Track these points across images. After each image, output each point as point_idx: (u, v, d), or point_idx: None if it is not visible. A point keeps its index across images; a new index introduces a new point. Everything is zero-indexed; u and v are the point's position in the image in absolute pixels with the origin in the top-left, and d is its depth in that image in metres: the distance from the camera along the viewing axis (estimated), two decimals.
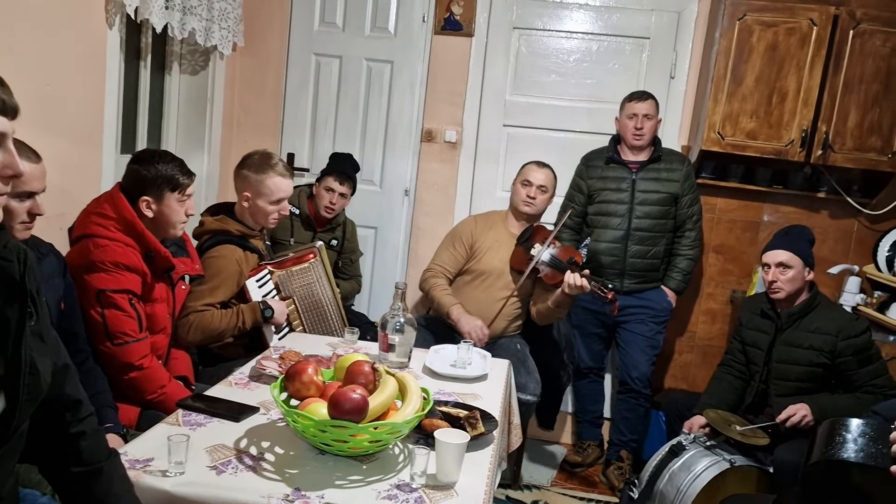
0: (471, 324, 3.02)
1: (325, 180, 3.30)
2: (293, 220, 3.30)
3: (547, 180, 3.15)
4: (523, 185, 3.16)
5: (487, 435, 1.86)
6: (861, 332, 2.66)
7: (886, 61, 3.16)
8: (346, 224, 3.46)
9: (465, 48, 3.77)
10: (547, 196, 3.17)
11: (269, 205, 2.60)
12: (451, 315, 3.07)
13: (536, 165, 3.18)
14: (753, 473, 2.54)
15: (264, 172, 2.58)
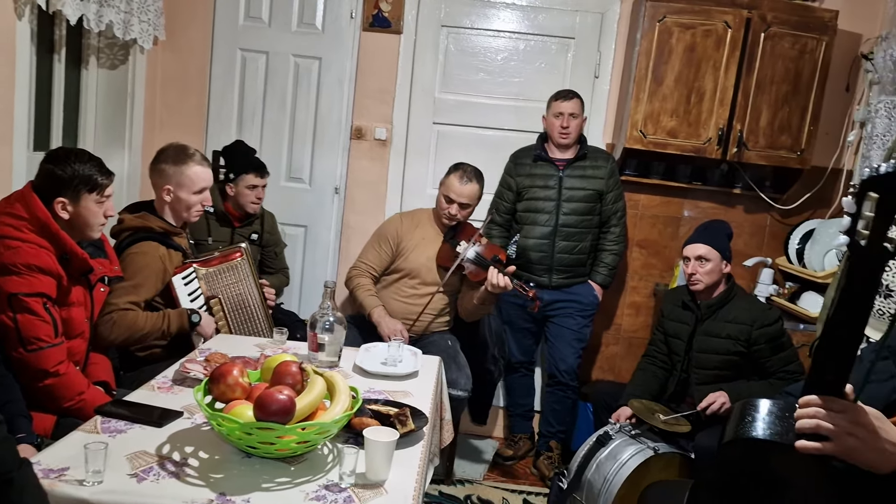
0: (391, 327, 3.04)
1: (244, 179, 3.22)
2: (209, 218, 3.24)
3: (470, 197, 3.14)
4: (446, 201, 3.16)
5: (417, 432, 1.87)
6: (774, 321, 2.79)
7: (795, 63, 3.32)
8: (264, 217, 3.40)
9: (394, 45, 3.76)
10: (469, 211, 3.18)
11: (192, 195, 2.54)
12: (372, 317, 3.08)
13: (459, 180, 3.12)
14: (676, 460, 2.63)
15: (183, 163, 2.52)
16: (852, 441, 1.14)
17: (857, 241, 1.08)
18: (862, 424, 1.15)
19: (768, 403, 1.31)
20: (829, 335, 1.16)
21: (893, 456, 1.14)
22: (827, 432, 1.15)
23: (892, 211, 1.05)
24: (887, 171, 1.04)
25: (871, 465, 1.14)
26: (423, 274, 3.17)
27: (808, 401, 1.18)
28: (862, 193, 1.07)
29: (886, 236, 1.07)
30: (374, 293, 3.18)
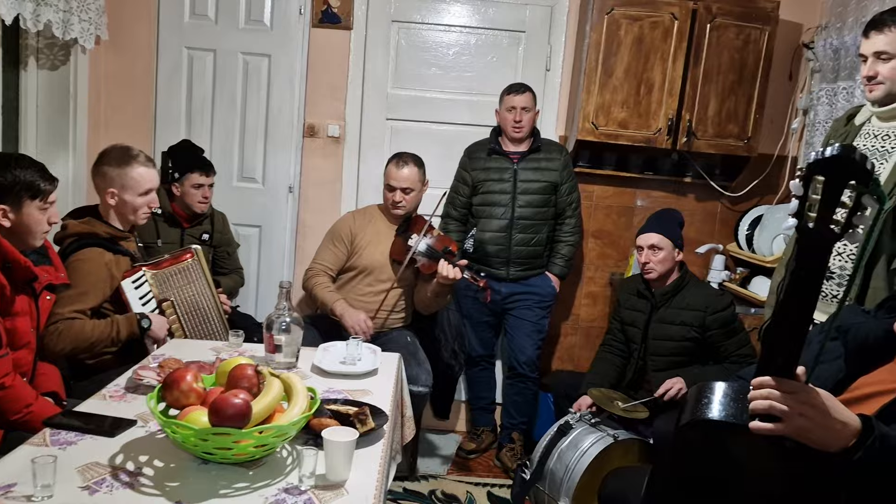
0: (354, 318, 3.03)
1: (189, 178, 3.17)
2: (156, 220, 3.17)
3: (409, 180, 3.14)
4: (388, 190, 3.17)
5: (378, 430, 1.86)
6: (726, 306, 2.86)
7: (740, 53, 3.39)
8: (214, 216, 3.35)
9: (345, 41, 3.73)
10: (413, 194, 3.18)
11: (138, 197, 2.48)
12: (335, 311, 3.06)
13: (395, 166, 3.15)
14: (636, 446, 2.67)
15: (127, 164, 2.46)
16: (803, 421, 1.17)
17: (806, 224, 1.10)
18: (812, 404, 1.17)
19: (723, 386, 1.33)
20: (780, 317, 1.18)
21: (842, 434, 1.17)
22: (779, 413, 1.18)
23: (838, 193, 1.08)
24: (832, 154, 1.06)
25: (821, 443, 1.18)
26: (378, 270, 3.16)
27: (761, 382, 1.21)
28: (809, 176, 1.09)
29: (833, 218, 1.09)
30: (334, 289, 3.17)
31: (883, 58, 2.11)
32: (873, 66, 2.13)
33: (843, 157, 1.05)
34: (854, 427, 1.17)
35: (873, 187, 1.05)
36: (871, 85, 2.16)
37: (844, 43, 3.17)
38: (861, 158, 1.05)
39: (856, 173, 1.05)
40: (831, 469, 1.19)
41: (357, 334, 2.91)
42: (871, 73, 2.14)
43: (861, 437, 1.16)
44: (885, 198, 1.07)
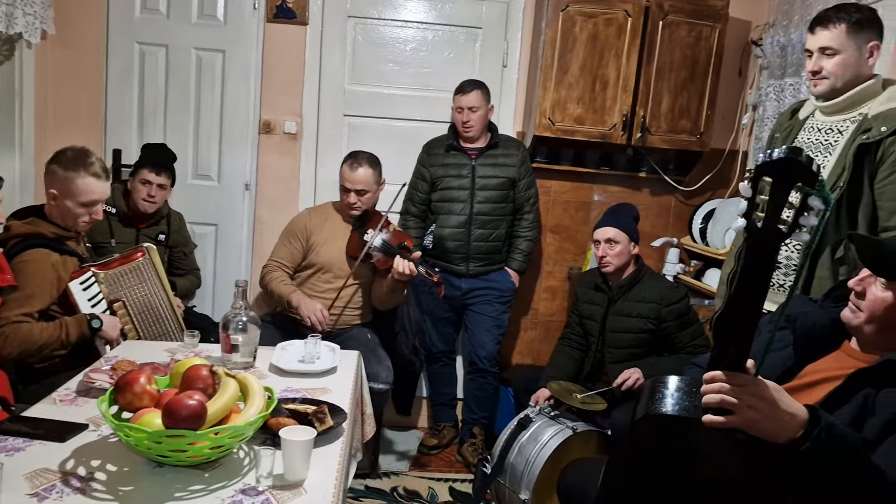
0: (310, 308, 3.02)
1: (140, 173, 3.14)
2: (110, 220, 3.11)
3: (364, 182, 3.12)
4: (343, 191, 3.15)
5: (337, 428, 1.85)
6: (680, 298, 2.91)
7: (692, 50, 3.45)
8: (170, 216, 3.30)
9: (301, 37, 3.69)
10: (369, 195, 3.16)
11: (78, 206, 2.40)
12: (291, 302, 3.05)
13: (350, 168, 3.13)
14: (594, 437, 2.71)
15: (75, 171, 2.38)
16: (753, 413, 1.20)
17: (755, 224, 1.14)
18: (762, 397, 1.21)
19: (676, 380, 1.36)
20: (731, 313, 1.21)
21: (790, 425, 1.20)
22: (730, 406, 1.21)
23: (785, 194, 1.11)
24: (780, 156, 1.09)
25: (771, 434, 1.21)
26: (336, 266, 3.14)
27: (713, 376, 1.24)
28: (757, 178, 1.12)
29: (780, 218, 1.12)
30: (290, 282, 3.16)
31: (828, 53, 2.17)
32: (818, 61, 2.19)
33: (790, 160, 1.08)
34: (801, 418, 1.21)
35: (819, 189, 1.09)
36: (815, 80, 2.21)
37: (791, 40, 3.24)
38: (807, 161, 1.08)
39: (802, 175, 1.08)
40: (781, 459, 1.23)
41: (314, 324, 2.89)
42: (815, 68, 2.20)
43: (808, 428, 1.20)
44: (831, 199, 1.10)
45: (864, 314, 1.47)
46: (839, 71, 2.16)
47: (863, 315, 1.47)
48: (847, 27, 2.13)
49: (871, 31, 2.15)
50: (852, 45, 2.14)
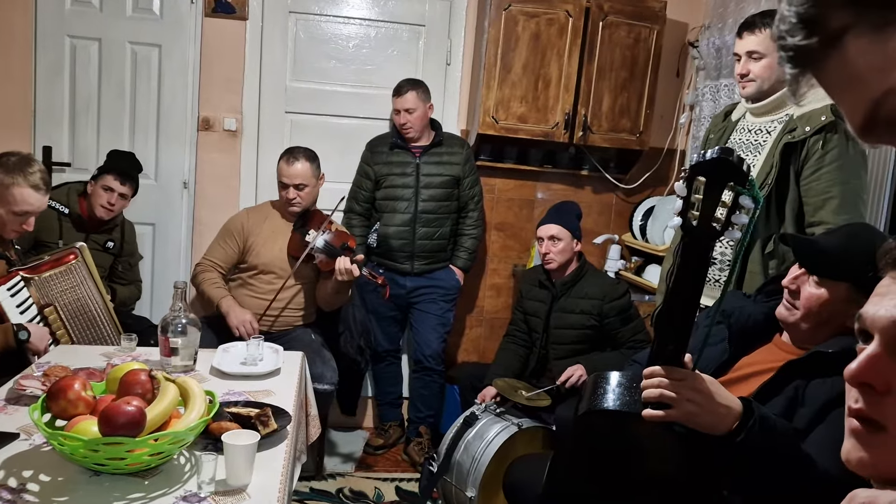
0: (239, 317, 2.96)
1: (104, 178, 3.03)
2: (62, 220, 3.00)
3: (302, 176, 3.07)
4: (282, 187, 3.10)
5: (281, 431, 1.83)
6: (622, 294, 2.97)
7: (631, 50, 3.52)
8: (124, 225, 3.21)
9: (240, 32, 3.62)
10: (308, 190, 3.10)
11: (10, 214, 2.30)
12: (220, 308, 2.98)
13: (286, 162, 3.08)
14: (539, 433, 2.74)
15: (13, 178, 2.28)
16: (691, 406, 1.23)
17: (690, 222, 1.17)
18: (699, 391, 1.24)
19: (617, 375, 1.39)
20: (668, 309, 1.25)
21: (726, 418, 1.24)
22: (669, 400, 1.24)
23: (718, 193, 1.15)
24: (713, 156, 1.13)
25: (708, 427, 1.24)
26: (276, 267, 3.09)
27: (652, 371, 1.27)
28: (691, 178, 1.16)
29: (714, 216, 1.16)
30: (222, 286, 3.08)
31: (755, 57, 2.25)
32: (746, 64, 2.27)
33: (722, 160, 1.12)
34: (736, 410, 1.25)
35: (749, 189, 1.13)
36: (743, 82, 2.30)
37: (726, 42, 3.34)
38: (738, 161, 1.12)
39: (733, 175, 1.12)
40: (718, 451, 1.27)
41: (241, 335, 2.84)
42: (744, 72, 2.28)
43: (742, 420, 1.24)
44: (760, 198, 1.15)
45: (799, 311, 1.53)
46: (766, 74, 2.24)
47: (798, 312, 1.53)
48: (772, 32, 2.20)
49: None
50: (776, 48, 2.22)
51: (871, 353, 0.74)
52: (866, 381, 0.74)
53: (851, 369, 0.75)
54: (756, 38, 2.23)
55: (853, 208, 2.07)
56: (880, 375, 0.73)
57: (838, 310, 1.49)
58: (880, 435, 0.74)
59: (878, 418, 0.73)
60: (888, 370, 0.73)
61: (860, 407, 0.75)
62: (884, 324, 0.74)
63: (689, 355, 1.28)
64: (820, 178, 2.11)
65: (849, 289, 1.48)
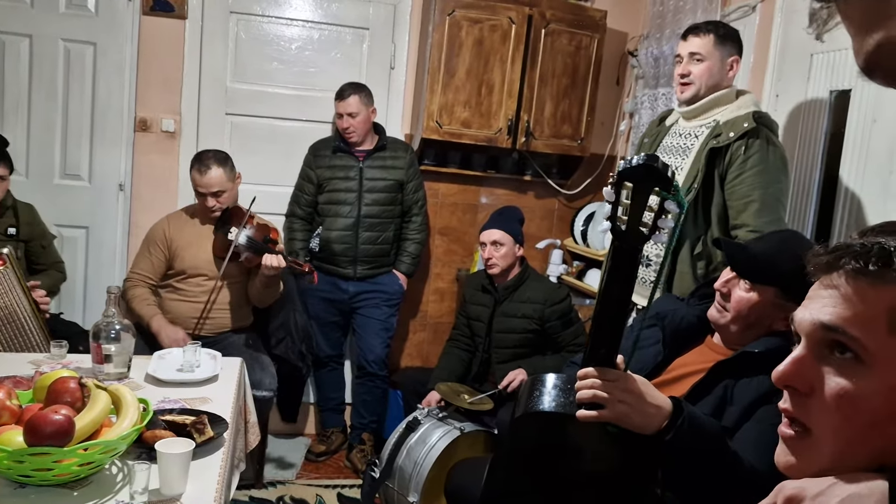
0: (172, 337, 2.86)
1: None
2: None
3: (218, 183, 2.97)
4: (200, 196, 3.01)
5: (217, 439, 1.79)
6: (563, 298, 3.01)
7: (572, 58, 3.58)
8: (16, 206, 2.99)
9: (179, 31, 3.54)
10: (226, 195, 3.01)
11: None
12: (151, 327, 2.89)
13: (198, 172, 2.97)
14: (481, 437, 2.75)
15: None
16: (623, 407, 1.26)
17: (619, 227, 1.20)
18: (631, 391, 1.27)
19: (553, 378, 1.41)
20: (600, 312, 1.27)
21: (656, 418, 1.27)
22: (601, 400, 1.26)
23: (645, 198, 1.18)
24: (639, 162, 1.16)
25: (639, 426, 1.27)
26: (205, 269, 3.01)
27: (586, 373, 1.29)
28: (619, 183, 1.19)
29: (642, 221, 1.19)
30: (152, 302, 2.99)
31: (696, 59, 2.33)
32: (687, 65, 2.36)
33: (648, 166, 1.15)
34: (666, 410, 1.28)
35: (674, 193, 1.16)
36: (683, 83, 2.37)
37: (663, 52, 3.43)
38: (663, 167, 1.16)
39: (659, 180, 1.16)
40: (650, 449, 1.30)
41: None
42: (684, 72, 2.36)
43: (672, 419, 1.27)
44: (685, 203, 1.19)
45: (730, 314, 1.58)
46: (704, 76, 2.33)
47: (729, 315, 1.58)
48: (715, 38, 2.32)
49: (733, 47, 2.35)
50: (717, 55, 2.32)
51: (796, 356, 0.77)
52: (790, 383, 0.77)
53: (777, 371, 0.78)
54: (700, 41, 2.33)
55: (773, 211, 2.16)
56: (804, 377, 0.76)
57: (766, 313, 1.55)
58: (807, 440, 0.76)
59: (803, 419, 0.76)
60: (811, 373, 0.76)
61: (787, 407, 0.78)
62: (807, 327, 0.77)
63: (621, 357, 1.31)
64: (742, 182, 2.19)
65: (777, 293, 1.54)
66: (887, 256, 0.72)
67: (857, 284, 0.73)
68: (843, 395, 0.73)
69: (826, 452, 0.74)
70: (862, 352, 0.72)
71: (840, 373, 0.73)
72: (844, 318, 0.73)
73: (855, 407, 0.72)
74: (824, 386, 0.74)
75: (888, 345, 0.71)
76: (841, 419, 0.73)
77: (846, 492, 0.69)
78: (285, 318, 3.23)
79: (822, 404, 0.74)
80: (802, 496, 0.72)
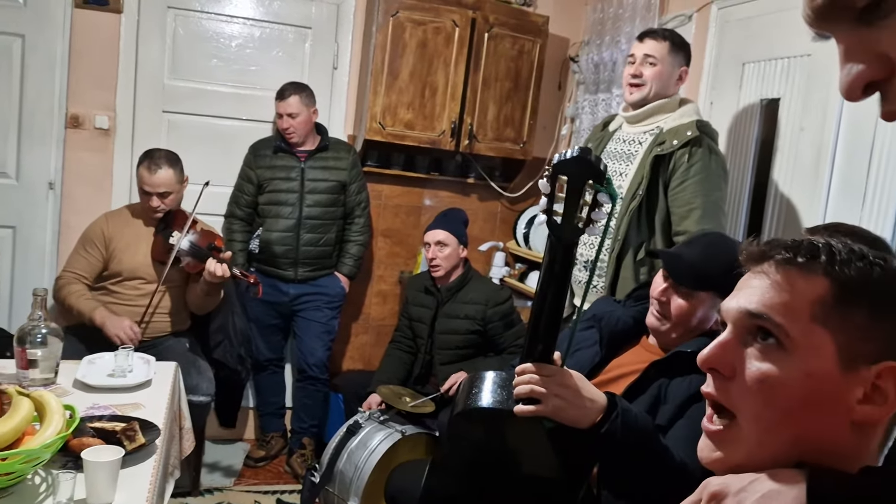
0: (117, 325, 2.77)
1: None
2: None
3: (166, 184, 2.90)
4: (145, 195, 2.93)
5: (149, 446, 1.74)
6: (505, 299, 3.03)
7: (515, 62, 3.61)
8: None
9: (114, 25, 3.43)
10: (172, 196, 2.94)
11: None
12: (95, 320, 2.79)
13: (148, 170, 2.89)
14: (423, 439, 2.74)
15: None
16: (559, 401, 1.28)
17: (554, 220, 1.22)
18: (567, 385, 1.29)
19: (492, 375, 1.42)
20: (537, 309, 1.28)
21: (591, 411, 1.29)
22: (538, 395, 1.28)
23: (579, 191, 1.19)
24: (572, 155, 1.18)
25: (575, 420, 1.29)
26: (143, 272, 2.93)
27: (523, 369, 1.31)
28: (554, 176, 1.20)
29: (578, 215, 1.21)
30: (91, 297, 2.89)
31: (650, 62, 2.37)
32: (640, 66, 2.39)
33: (581, 159, 1.17)
34: (601, 404, 1.30)
35: (607, 186, 1.19)
36: (633, 84, 2.40)
37: (603, 59, 3.49)
38: (596, 160, 1.18)
39: (592, 173, 1.18)
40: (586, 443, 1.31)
41: (123, 343, 2.67)
42: (637, 73, 2.39)
43: (606, 413, 1.29)
44: (617, 195, 1.21)
45: (669, 322, 1.62)
46: (655, 80, 2.37)
47: (669, 323, 1.62)
48: (670, 45, 2.37)
49: (684, 58, 2.41)
50: (669, 61, 2.37)
51: (721, 340, 0.81)
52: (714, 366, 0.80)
53: (702, 354, 0.81)
54: (657, 45, 2.37)
55: (714, 219, 2.21)
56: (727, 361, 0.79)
57: (706, 316, 1.60)
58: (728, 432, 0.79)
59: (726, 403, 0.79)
60: (735, 356, 0.79)
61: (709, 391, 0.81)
62: (734, 314, 0.80)
63: (558, 353, 1.33)
64: (685, 189, 2.24)
65: (713, 296, 1.58)
66: (815, 250, 0.77)
67: (785, 273, 0.77)
68: (763, 379, 0.75)
69: (747, 439, 0.77)
70: (784, 338, 0.75)
71: (762, 357, 0.76)
72: (770, 305, 0.76)
73: (774, 391, 0.75)
74: (745, 370, 0.77)
75: (809, 333, 0.74)
76: (761, 403, 0.76)
77: (766, 487, 0.71)
78: (224, 321, 3.16)
79: (743, 388, 0.77)
80: (726, 492, 0.74)
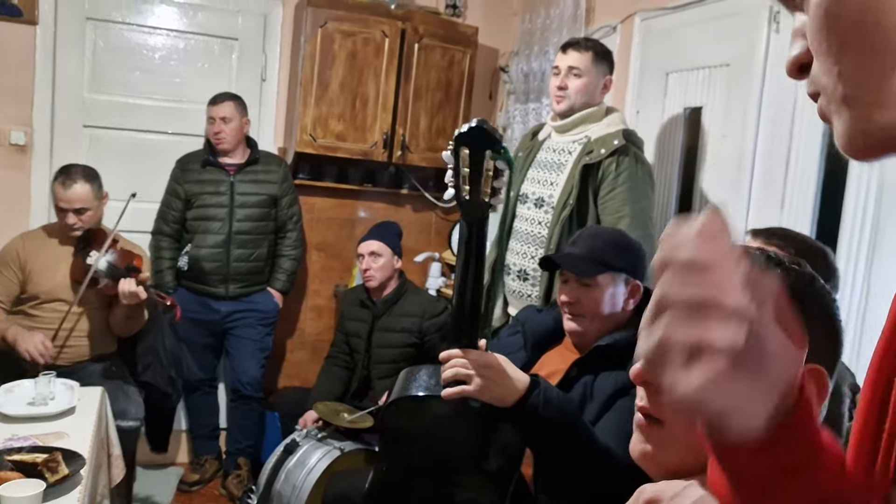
0: (29, 341, 2.60)
1: None
2: None
3: (82, 199, 2.75)
4: (61, 212, 2.78)
5: (74, 476, 1.66)
6: (441, 311, 3.03)
7: (445, 73, 3.62)
8: None
9: (29, 38, 3.29)
10: (90, 214, 2.80)
11: None
12: (7, 339, 2.64)
13: (62, 185, 2.74)
14: (362, 455, 2.71)
15: None
16: (484, 381, 1.34)
17: (462, 195, 1.25)
18: (491, 366, 1.36)
19: (424, 368, 1.53)
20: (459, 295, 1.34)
21: (515, 388, 1.36)
22: (464, 377, 1.35)
23: (481, 162, 1.24)
24: (470, 127, 1.22)
25: (500, 399, 1.36)
26: (62, 294, 2.77)
27: (449, 354, 1.38)
28: (457, 148, 1.24)
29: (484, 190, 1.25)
30: (3, 318, 2.73)
31: (574, 73, 2.41)
32: (565, 79, 2.42)
33: (479, 128, 1.21)
34: (524, 382, 1.37)
35: (504, 153, 1.23)
36: (559, 95, 2.44)
37: (532, 68, 3.54)
38: (492, 129, 1.24)
39: (489, 141, 1.22)
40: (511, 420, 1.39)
41: (34, 358, 2.53)
42: (562, 84, 2.42)
43: (528, 391, 1.36)
44: (514, 161, 1.28)
45: (586, 318, 1.66)
46: (581, 91, 2.41)
47: (584, 320, 1.66)
48: (593, 55, 2.41)
49: (607, 67, 2.46)
50: (594, 72, 2.41)
51: None
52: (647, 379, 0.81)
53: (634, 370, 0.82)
54: (580, 56, 2.40)
55: (643, 226, 2.26)
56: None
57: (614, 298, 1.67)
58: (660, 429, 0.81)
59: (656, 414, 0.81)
60: None
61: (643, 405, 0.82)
62: None
63: (483, 341, 1.40)
64: (614, 197, 2.29)
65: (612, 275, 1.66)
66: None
67: None
68: None
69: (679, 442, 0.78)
70: None
71: None
72: None
73: None
74: None
75: None
76: None
77: (699, 493, 0.72)
78: (153, 342, 3.04)
79: None
80: (661, 498, 0.75)
